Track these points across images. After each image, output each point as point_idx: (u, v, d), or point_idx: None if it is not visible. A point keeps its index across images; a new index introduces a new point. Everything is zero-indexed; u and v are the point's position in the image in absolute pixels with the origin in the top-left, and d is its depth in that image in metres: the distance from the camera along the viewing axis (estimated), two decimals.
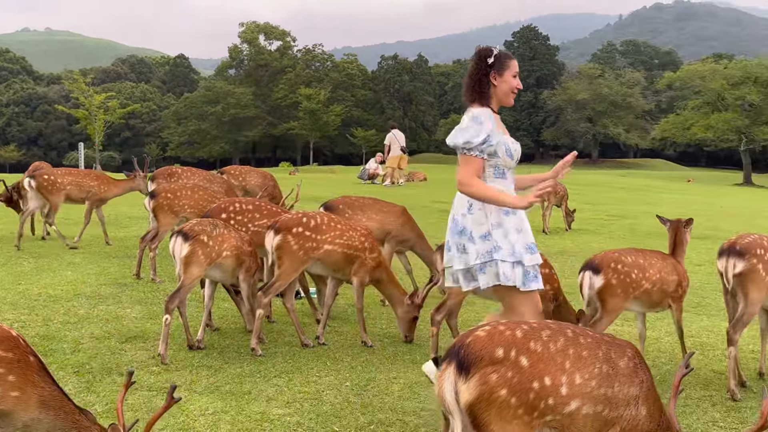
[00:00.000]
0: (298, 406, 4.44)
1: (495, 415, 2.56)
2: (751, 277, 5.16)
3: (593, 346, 2.82)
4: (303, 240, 5.52)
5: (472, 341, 2.66)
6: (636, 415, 2.86)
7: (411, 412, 4.45)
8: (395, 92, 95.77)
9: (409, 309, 5.96)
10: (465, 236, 4.07)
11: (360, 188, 20.96)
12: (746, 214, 20.73)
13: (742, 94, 56.62)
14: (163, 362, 5.12)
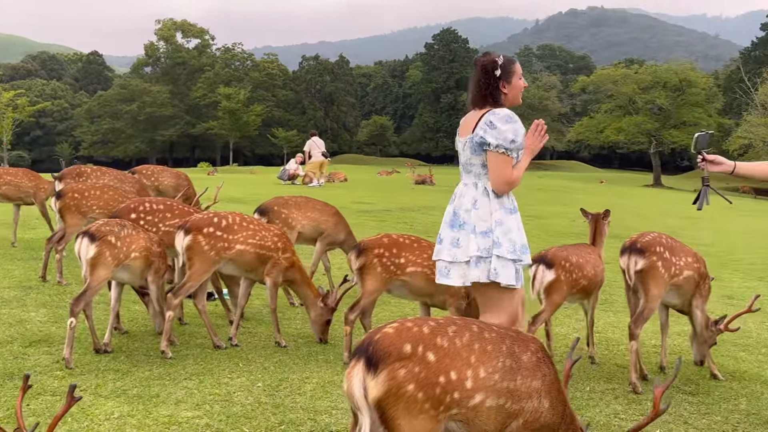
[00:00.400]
0: (207, 408, 4.38)
1: (402, 410, 2.60)
2: (651, 274, 5.37)
3: (497, 340, 2.89)
4: (214, 240, 5.45)
5: (381, 338, 2.69)
6: (538, 408, 2.94)
7: (323, 411, 4.45)
8: (317, 93, 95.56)
9: (322, 311, 5.96)
10: (464, 230, 4.13)
11: (280, 189, 20.80)
12: (655, 214, 21.55)
13: (651, 98, 58.92)
14: (67, 366, 4.97)
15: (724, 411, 5.03)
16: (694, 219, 21.09)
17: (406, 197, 21.59)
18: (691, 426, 4.67)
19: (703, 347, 5.91)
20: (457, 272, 4.16)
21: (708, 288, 5.81)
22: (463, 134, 4.33)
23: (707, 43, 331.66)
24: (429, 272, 5.39)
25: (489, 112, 4.18)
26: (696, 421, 4.77)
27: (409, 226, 13.72)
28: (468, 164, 4.28)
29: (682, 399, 5.19)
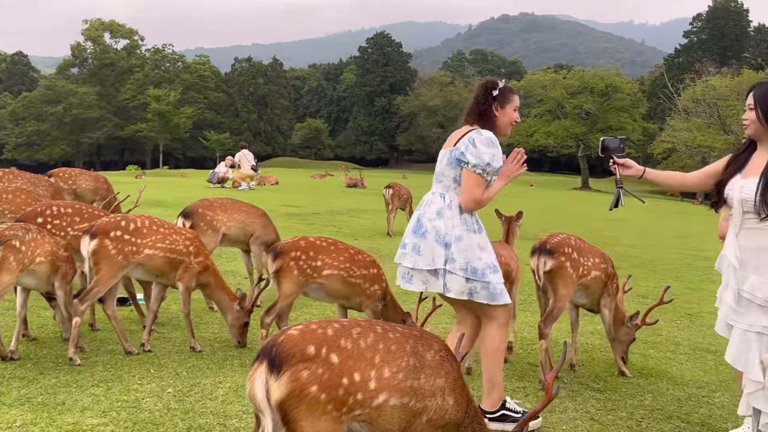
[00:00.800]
0: (114, 415, 4.30)
1: (305, 412, 2.60)
2: (560, 274, 5.52)
3: (401, 340, 2.93)
4: (122, 244, 5.33)
5: (284, 340, 2.69)
6: (443, 405, 2.99)
7: (234, 416, 4.42)
8: (250, 95, 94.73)
9: (239, 314, 5.91)
10: (425, 239, 4.25)
11: (209, 192, 20.58)
12: (579, 217, 22.08)
13: (579, 102, 60.35)
14: None
15: (630, 407, 5.20)
16: (616, 221, 21.69)
17: (336, 200, 21.62)
18: (597, 422, 4.81)
19: (623, 345, 6.12)
20: (419, 279, 4.30)
21: (616, 287, 5.99)
22: (446, 146, 4.44)
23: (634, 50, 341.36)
24: (345, 275, 5.45)
25: (474, 130, 4.31)
26: (602, 417, 4.92)
27: (336, 229, 13.74)
28: (441, 174, 4.42)
29: (590, 396, 5.34)
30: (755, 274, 3.83)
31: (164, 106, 79.62)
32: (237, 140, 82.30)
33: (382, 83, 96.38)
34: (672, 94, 60.04)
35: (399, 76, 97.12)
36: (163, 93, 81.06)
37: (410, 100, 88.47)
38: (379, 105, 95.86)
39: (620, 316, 6.08)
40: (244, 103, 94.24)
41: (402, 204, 14.29)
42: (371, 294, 5.54)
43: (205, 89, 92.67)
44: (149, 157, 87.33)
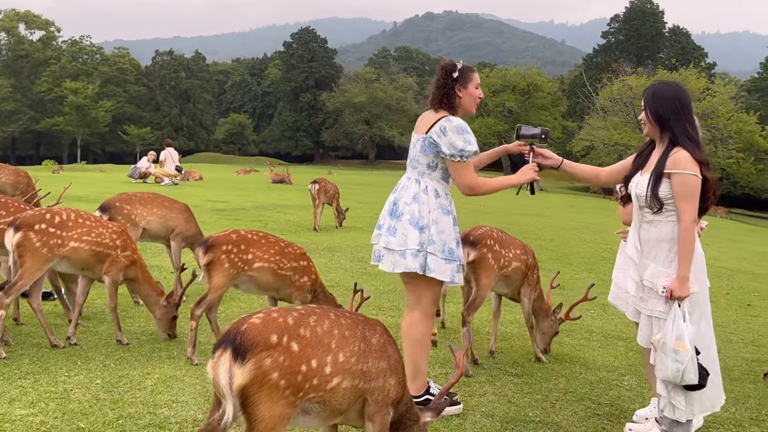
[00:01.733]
0: (43, 406, 4.33)
1: (265, 396, 2.74)
2: (482, 265, 5.79)
3: (353, 326, 3.14)
4: (46, 237, 5.30)
5: (248, 328, 2.81)
6: (385, 385, 3.23)
7: (163, 405, 4.50)
8: (171, 89, 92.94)
9: (166, 308, 5.95)
10: (401, 221, 4.49)
11: (131, 187, 20.21)
12: (500, 211, 22.63)
13: (501, 100, 61.59)
14: None
15: (545, 390, 5.50)
16: (537, 216, 22.33)
17: (262, 196, 21.56)
18: (514, 404, 5.08)
19: (546, 336, 6.45)
20: (389, 259, 4.52)
21: (536, 278, 6.30)
22: (418, 131, 4.62)
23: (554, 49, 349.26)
24: (276, 267, 5.57)
25: (444, 118, 4.51)
26: (519, 400, 5.20)
27: (263, 224, 13.76)
28: (415, 160, 4.62)
29: (508, 380, 5.62)
30: (654, 263, 4.17)
31: (82, 100, 77.42)
32: (158, 135, 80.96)
33: (307, 79, 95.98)
34: (590, 93, 61.84)
35: (324, 72, 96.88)
36: (81, 86, 78.78)
37: (335, 96, 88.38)
38: (305, 101, 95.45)
39: (545, 308, 6.42)
40: (166, 97, 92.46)
41: (329, 199, 14.41)
42: (300, 285, 5.69)
43: (125, 82, 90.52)
44: (66, 151, 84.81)
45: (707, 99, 49.54)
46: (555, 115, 64.76)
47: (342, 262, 10.54)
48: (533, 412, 4.97)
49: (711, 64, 79.05)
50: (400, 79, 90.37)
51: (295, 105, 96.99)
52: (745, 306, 10.18)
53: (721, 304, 10.09)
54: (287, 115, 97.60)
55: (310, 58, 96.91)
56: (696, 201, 4.06)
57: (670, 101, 4.17)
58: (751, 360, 7.03)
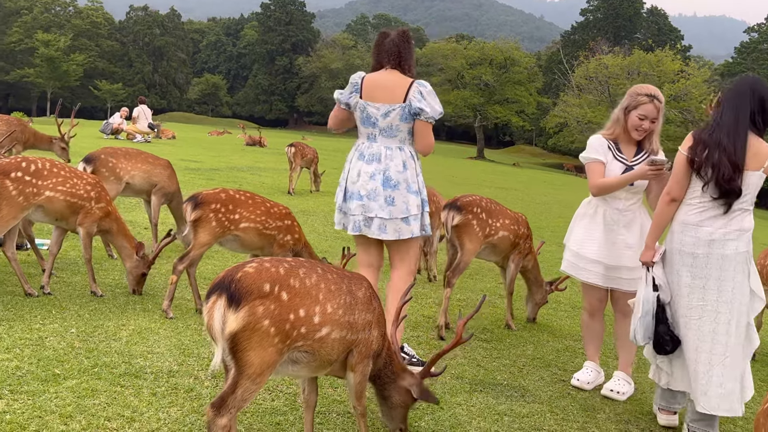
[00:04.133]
0: (17, 352, 4.34)
1: (255, 343, 2.83)
2: (466, 230, 5.93)
3: (339, 280, 3.23)
4: (22, 185, 5.25)
5: (243, 276, 2.89)
6: (369, 337, 3.34)
7: (138, 355, 4.54)
8: (145, 45, 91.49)
9: (138, 263, 5.95)
10: (398, 190, 4.63)
11: (103, 142, 19.97)
12: (473, 183, 22.79)
13: (478, 73, 61.43)
14: None
15: (513, 355, 5.64)
16: (508, 190, 22.52)
17: (236, 157, 21.43)
18: (483, 368, 5.21)
19: (536, 306, 6.66)
20: (392, 228, 4.67)
21: (528, 248, 6.44)
22: (388, 100, 4.68)
23: (533, 24, 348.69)
24: (261, 227, 5.63)
25: (416, 82, 4.67)
26: (488, 364, 5.32)
27: (237, 185, 13.71)
28: (392, 129, 4.70)
29: (478, 345, 5.74)
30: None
31: (53, 52, 75.91)
32: (130, 92, 79.82)
33: (284, 42, 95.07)
34: (566, 71, 61.92)
35: (301, 36, 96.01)
36: (53, 38, 77.21)
37: (312, 61, 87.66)
38: (280, 64, 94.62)
39: (540, 279, 6.61)
40: (139, 53, 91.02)
41: (306, 163, 14.40)
42: (283, 243, 5.76)
43: (98, 37, 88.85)
44: (35, 104, 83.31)
45: (681, 81, 49.90)
46: (530, 90, 64.67)
47: (315, 225, 10.58)
48: (501, 376, 5.10)
49: (687, 46, 79.64)
50: None
51: (270, 68, 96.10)
52: None
53: None
54: (262, 78, 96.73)
55: (287, 21, 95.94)
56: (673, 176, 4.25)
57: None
58: None
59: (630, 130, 4.87)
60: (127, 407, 3.78)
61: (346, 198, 4.81)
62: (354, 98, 4.79)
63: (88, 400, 3.81)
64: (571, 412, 4.61)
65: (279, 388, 4.28)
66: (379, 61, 4.84)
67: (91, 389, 3.94)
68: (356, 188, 4.73)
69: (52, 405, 3.69)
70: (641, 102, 4.80)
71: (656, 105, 4.80)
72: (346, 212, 4.83)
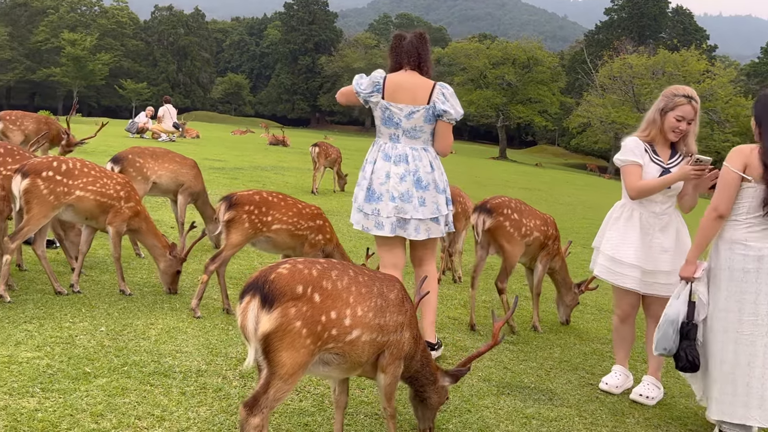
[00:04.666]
0: (48, 350, 4.38)
1: (287, 344, 2.85)
2: (500, 233, 5.94)
3: (370, 283, 3.23)
4: (53, 184, 5.31)
5: (276, 278, 2.90)
6: (401, 339, 3.34)
7: (167, 354, 4.56)
8: (169, 45, 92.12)
9: (171, 262, 5.98)
10: (428, 191, 4.74)
11: (129, 141, 20.14)
12: (497, 184, 22.70)
13: (501, 73, 61.15)
14: None
15: (540, 358, 5.60)
16: (532, 190, 22.40)
17: (259, 157, 21.52)
18: (510, 370, 5.17)
19: (568, 308, 6.65)
20: (424, 228, 4.79)
21: (557, 248, 6.41)
22: (412, 102, 4.75)
23: (556, 24, 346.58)
24: (293, 228, 5.67)
25: (438, 84, 4.77)
26: (514, 366, 5.29)
27: (261, 185, 13.77)
28: (416, 130, 4.78)
29: (504, 347, 5.71)
30: None
31: (79, 51, 76.64)
32: (155, 91, 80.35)
33: (307, 42, 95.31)
34: (590, 70, 61.55)
35: (324, 36, 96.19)
36: (79, 37, 77.94)
37: (334, 60, 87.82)
38: (303, 64, 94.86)
39: (569, 281, 6.57)
40: (163, 53, 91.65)
41: (329, 163, 14.43)
42: (315, 243, 5.80)
43: (123, 36, 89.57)
44: (61, 103, 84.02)
45: (706, 81, 49.41)
46: (553, 90, 64.25)
47: (339, 226, 10.55)
48: (528, 379, 5.07)
49: (712, 46, 78.77)
50: None
51: (293, 67, 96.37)
52: None
53: None
54: (285, 77, 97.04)
55: (310, 20, 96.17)
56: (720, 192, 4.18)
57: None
58: None
59: (666, 131, 4.81)
60: (156, 406, 3.80)
61: (369, 198, 4.83)
62: (375, 97, 4.81)
63: (118, 398, 3.83)
64: (600, 416, 4.57)
65: (307, 389, 4.28)
66: (398, 62, 4.89)
67: (121, 388, 3.96)
68: (386, 189, 4.76)
69: (83, 403, 3.72)
70: (679, 103, 4.74)
71: (693, 106, 4.74)
72: (368, 213, 4.84)
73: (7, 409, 3.56)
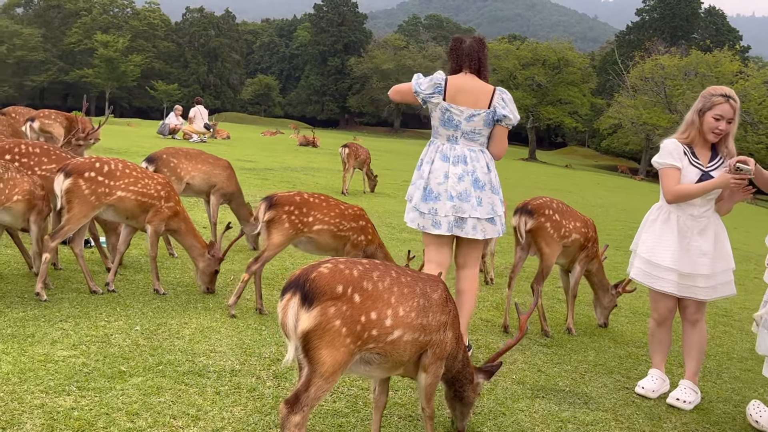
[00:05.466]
0: (84, 349, 4.41)
1: (327, 342, 2.86)
2: (541, 234, 5.91)
3: (412, 283, 3.22)
4: (95, 185, 5.38)
5: (317, 277, 2.92)
6: (443, 338, 3.34)
7: (201, 354, 4.57)
8: (200, 47, 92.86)
9: (210, 261, 6.01)
10: (485, 191, 4.79)
11: (162, 142, 20.34)
12: (527, 185, 22.56)
13: (531, 74, 60.83)
14: None
15: (575, 361, 5.52)
16: (563, 192, 22.21)
17: (289, 158, 21.60)
18: (544, 373, 5.11)
19: (606, 310, 6.61)
20: (480, 227, 4.83)
21: (595, 251, 6.34)
22: (473, 105, 4.80)
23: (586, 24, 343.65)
24: (335, 229, 5.67)
25: (498, 89, 4.86)
26: (549, 369, 5.22)
27: (291, 185, 13.83)
28: (475, 133, 4.83)
29: (538, 350, 5.65)
30: None
31: (111, 53, 77.58)
32: (185, 92, 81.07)
33: (336, 43, 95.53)
34: (621, 71, 61.02)
35: (353, 37, 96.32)
36: (111, 39, 78.90)
37: (364, 61, 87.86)
38: (332, 65, 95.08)
39: (606, 283, 6.52)
40: (194, 54, 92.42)
41: (359, 164, 14.44)
42: (357, 243, 5.80)
43: (155, 38, 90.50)
44: (94, 104, 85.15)
45: (740, 82, 48.73)
46: (584, 91, 63.72)
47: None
48: (563, 382, 5.00)
49: (745, 47, 77.64)
50: (429, 47, 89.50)
51: (322, 69, 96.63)
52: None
53: (749, 287, 10.04)
54: (314, 78, 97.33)
55: (340, 21, 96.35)
56: None
57: None
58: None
59: (706, 132, 4.73)
60: (191, 405, 3.81)
61: (426, 198, 4.83)
62: (436, 98, 4.81)
63: (153, 397, 3.85)
64: (637, 420, 4.50)
65: (341, 390, 4.27)
66: (459, 64, 4.92)
67: (156, 387, 3.98)
68: (444, 189, 4.79)
69: (118, 402, 3.74)
70: (716, 102, 4.68)
71: (732, 105, 4.68)
72: (424, 212, 4.84)
73: (43, 407, 3.59)
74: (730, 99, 4.66)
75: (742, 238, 15.80)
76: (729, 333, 7.23)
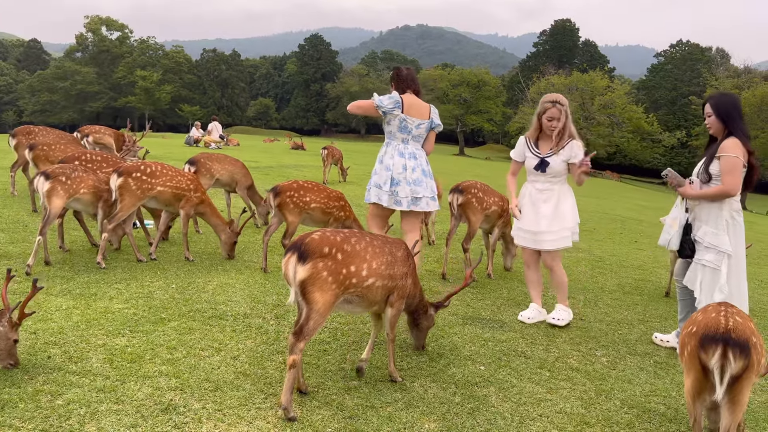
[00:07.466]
0: (134, 302, 4.36)
1: (318, 288, 2.90)
2: (469, 207, 5.90)
3: (382, 245, 3.26)
4: (140, 182, 5.33)
5: (310, 241, 2.96)
6: (405, 284, 3.39)
7: (221, 303, 4.54)
8: (215, 78, 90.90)
9: (230, 234, 5.94)
10: (428, 178, 4.82)
11: (190, 151, 19.94)
12: (457, 173, 22.62)
13: (459, 92, 60.82)
14: (27, 273, 4.74)
15: (493, 297, 5.58)
16: (484, 177, 22.26)
17: (284, 158, 21.32)
18: (471, 307, 5.17)
19: (512, 258, 6.66)
20: (425, 204, 4.80)
21: (508, 218, 6.31)
22: (420, 117, 4.81)
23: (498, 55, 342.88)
24: (324, 207, 5.69)
25: (431, 106, 4.93)
26: (474, 303, 5.28)
27: (285, 178, 13.66)
28: (419, 136, 4.88)
29: (466, 290, 5.67)
30: (705, 224, 4.17)
31: (149, 84, 75.64)
32: (205, 112, 79.50)
33: (316, 73, 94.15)
34: (524, 88, 61.23)
35: (328, 68, 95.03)
36: (148, 74, 76.87)
37: (337, 86, 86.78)
38: (314, 89, 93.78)
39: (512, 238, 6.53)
40: (210, 84, 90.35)
41: (335, 161, 14.33)
42: (338, 218, 5.83)
43: (180, 72, 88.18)
44: (136, 123, 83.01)
45: (608, 94, 49.26)
46: (497, 104, 63.89)
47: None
48: (485, 312, 5.07)
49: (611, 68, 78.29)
50: (384, 74, 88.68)
51: (306, 92, 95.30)
52: (633, 242, 10.35)
53: (616, 240, 10.23)
54: (301, 99, 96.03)
55: (318, 57, 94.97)
56: (735, 176, 3.98)
57: (731, 105, 4.11)
58: (638, 279, 7.18)
59: (545, 129, 4.82)
60: (214, 340, 3.79)
61: (391, 183, 4.78)
62: (397, 111, 4.77)
63: (186, 335, 3.82)
64: (537, 337, 4.59)
65: (324, 325, 4.27)
66: (403, 88, 4.90)
67: (188, 328, 3.95)
68: (403, 177, 4.76)
69: (160, 340, 3.71)
70: (547, 108, 4.78)
71: (558, 108, 4.72)
72: (391, 193, 4.78)
73: (105, 345, 3.55)
74: (556, 104, 4.69)
75: (610, 205, 16.06)
76: (602, 273, 7.36)
